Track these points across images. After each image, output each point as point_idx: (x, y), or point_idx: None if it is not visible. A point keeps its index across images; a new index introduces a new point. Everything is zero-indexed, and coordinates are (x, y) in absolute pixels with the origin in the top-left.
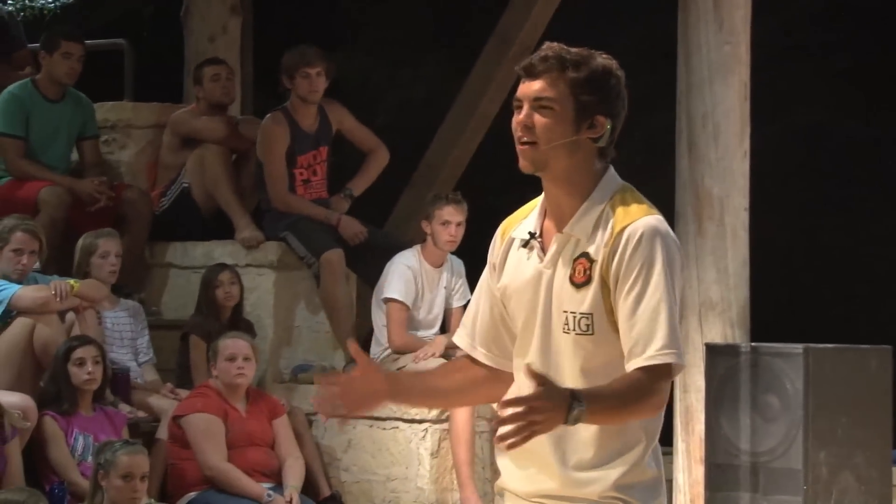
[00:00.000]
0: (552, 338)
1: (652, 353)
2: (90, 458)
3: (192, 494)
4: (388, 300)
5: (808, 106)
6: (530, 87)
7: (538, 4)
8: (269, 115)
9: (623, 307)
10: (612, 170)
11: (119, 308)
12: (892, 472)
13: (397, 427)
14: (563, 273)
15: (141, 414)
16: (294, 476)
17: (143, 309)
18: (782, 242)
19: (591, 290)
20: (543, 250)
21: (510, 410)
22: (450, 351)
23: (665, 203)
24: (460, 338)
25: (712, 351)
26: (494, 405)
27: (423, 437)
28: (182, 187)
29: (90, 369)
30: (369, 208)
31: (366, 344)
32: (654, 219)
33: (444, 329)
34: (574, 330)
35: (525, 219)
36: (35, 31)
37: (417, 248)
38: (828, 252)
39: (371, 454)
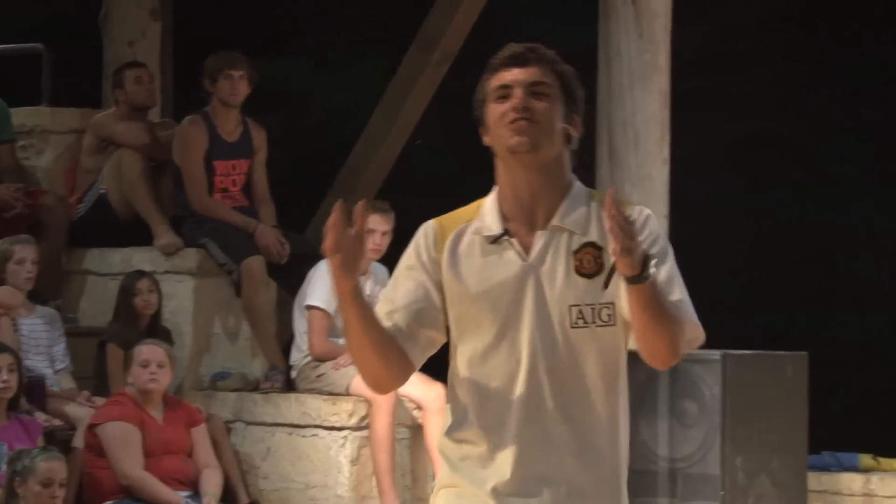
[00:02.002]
0: (556, 335)
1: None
2: (4, 467)
3: (109, 503)
4: (310, 307)
5: (736, 114)
6: (524, 73)
7: (460, 10)
8: (187, 118)
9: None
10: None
11: (35, 315)
12: (807, 477)
13: (317, 434)
14: (562, 267)
15: (56, 422)
16: (212, 484)
17: (59, 316)
18: (700, 250)
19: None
20: (524, 248)
21: (616, 213)
22: None
23: None
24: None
25: (632, 357)
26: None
27: (343, 444)
28: (99, 193)
29: (5, 377)
30: (290, 213)
31: (286, 350)
32: None
33: None
34: (593, 322)
35: (470, 220)
36: None
37: None
38: (745, 259)
39: (290, 462)
